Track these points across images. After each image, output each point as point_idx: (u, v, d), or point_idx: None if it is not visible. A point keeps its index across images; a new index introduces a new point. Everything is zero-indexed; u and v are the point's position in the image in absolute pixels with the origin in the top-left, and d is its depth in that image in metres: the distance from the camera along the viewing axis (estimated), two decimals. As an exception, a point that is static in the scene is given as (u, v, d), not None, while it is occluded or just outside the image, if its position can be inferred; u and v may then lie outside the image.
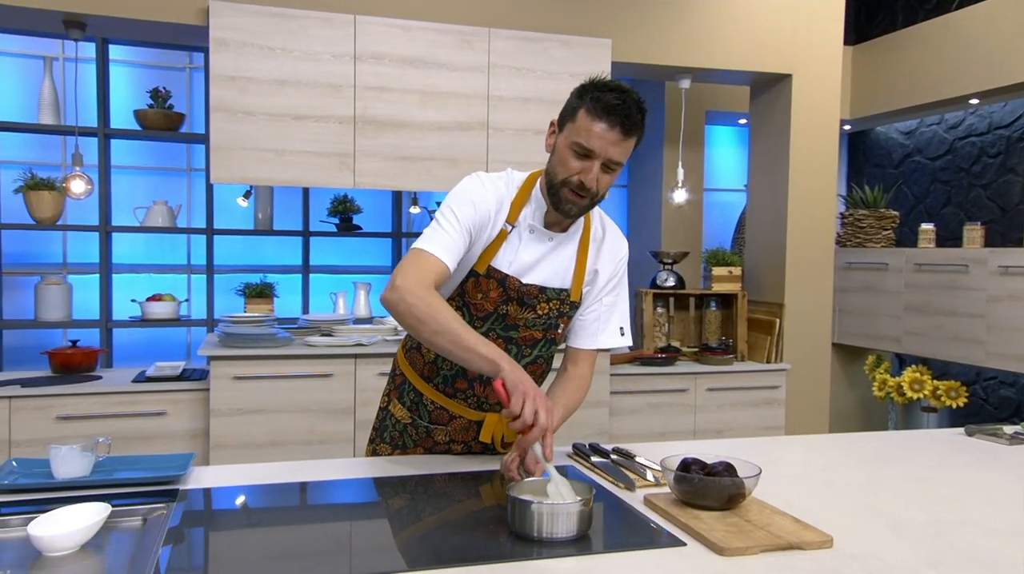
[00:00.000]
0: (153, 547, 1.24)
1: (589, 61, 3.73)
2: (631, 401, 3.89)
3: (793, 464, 1.83)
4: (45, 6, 3.17)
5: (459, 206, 1.62)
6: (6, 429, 3.09)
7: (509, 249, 1.67)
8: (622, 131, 1.54)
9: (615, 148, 1.55)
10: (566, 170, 1.58)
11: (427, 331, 1.49)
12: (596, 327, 1.79)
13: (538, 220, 1.69)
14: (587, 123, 1.54)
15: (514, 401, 1.41)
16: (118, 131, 4.03)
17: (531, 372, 1.79)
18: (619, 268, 1.80)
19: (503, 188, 1.69)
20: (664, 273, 4.26)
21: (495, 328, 1.70)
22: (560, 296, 1.72)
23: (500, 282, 1.66)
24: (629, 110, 1.53)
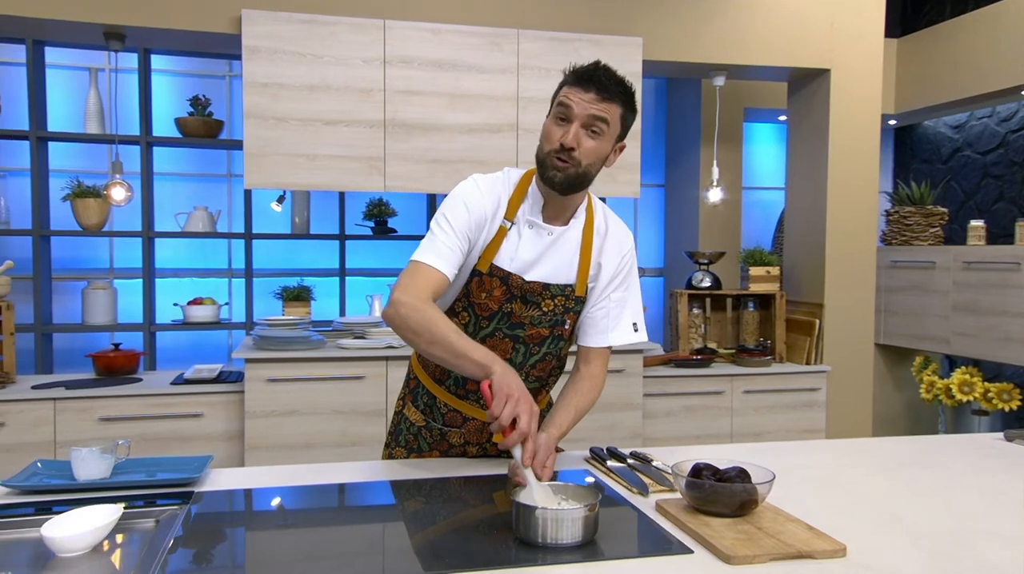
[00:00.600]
0: (161, 549, 1.26)
1: (620, 60, 3.70)
2: (665, 403, 3.84)
3: (818, 469, 1.79)
4: (86, 19, 3.26)
5: (452, 212, 1.63)
6: (51, 430, 3.19)
7: (509, 246, 1.67)
8: (597, 92, 1.55)
9: (592, 107, 1.55)
10: (549, 141, 1.60)
11: (423, 343, 1.51)
12: (606, 324, 1.76)
13: (536, 214, 1.68)
14: (565, 91, 1.58)
15: (495, 402, 1.41)
16: (159, 139, 4.13)
17: (540, 370, 1.77)
18: (625, 262, 1.78)
19: (500, 187, 1.69)
20: (700, 273, 4.19)
21: (501, 327, 1.70)
22: (565, 292, 1.71)
23: (503, 280, 1.66)
24: (604, 73, 1.56)
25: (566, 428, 1.64)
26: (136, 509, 1.42)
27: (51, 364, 4.19)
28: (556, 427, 1.62)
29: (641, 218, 5.34)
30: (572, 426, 1.68)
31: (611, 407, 3.68)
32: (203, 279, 4.61)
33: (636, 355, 3.71)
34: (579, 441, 3.63)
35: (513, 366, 1.72)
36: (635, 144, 3.78)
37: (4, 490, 1.51)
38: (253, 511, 1.52)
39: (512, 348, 1.71)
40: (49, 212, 4.15)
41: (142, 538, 1.34)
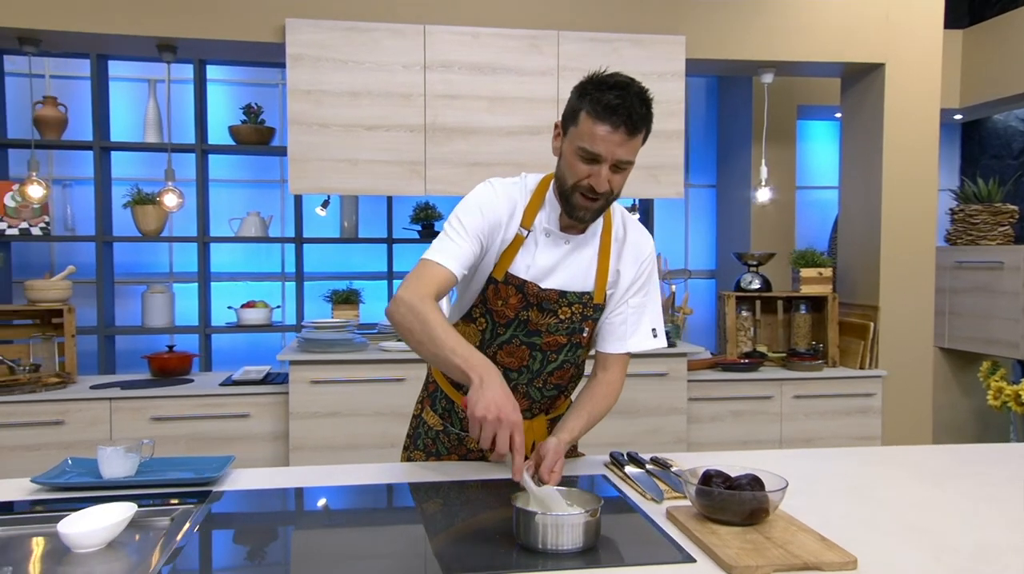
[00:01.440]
0: (170, 547, 1.29)
1: (662, 59, 3.65)
2: (711, 408, 3.76)
3: (846, 477, 1.72)
4: (140, 32, 3.38)
5: (466, 214, 1.62)
6: (107, 428, 3.31)
7: (526, 254, 1.65)
8: (627, 131, 1.49)
9: (621, 149, 1.51)
10: (574, 175, 1.55)
11: (414, 341, 1.50)
12: (624, 330, 1.73)
13: (553, 223, 1.66)
14: (589, 126, 1.50)
15: (470, 427, 1.41)
16: (214, 147, 4.25)
17: (559, 378, 1.76)
18: (644, 268, 1.74)
19: (516, 193, 1.67)
20: (748, 275, 4.10)
21: (518, 335, 1.68)
22: (582, 299, 1.68)
23: (519, 288, 1.64)
24: (632, 107, 1.48)
25: (577, 433, 1.62)
26: (153, 507, 1.46)
27: (113, 365, 4.35)
28: (567, 432, 1.60)
29: (692, 219, 5.25)
30: (584, 431, 1.66)
31: (655, 411, 3.62)
32: (258, 283, 4.73)
33: (680, 359, 3.65)
34: (621, 445, 3.58)
35: (530, 374, 1.72)
36: (678, 144, 3.73)
37: (35, 486, 1.57)
38: (265, 512, 1.54)
39: (529, 355, 1.70)
40: (112, 219, 4.32)
41: (156, 535, 1.38)
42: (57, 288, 3.52)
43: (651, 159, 3.67)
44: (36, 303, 3.51)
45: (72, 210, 4.42)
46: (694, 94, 5.22)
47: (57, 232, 4.35)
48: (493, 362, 1.69)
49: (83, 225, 4.42)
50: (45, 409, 3.27)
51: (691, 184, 5.22)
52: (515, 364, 1.70)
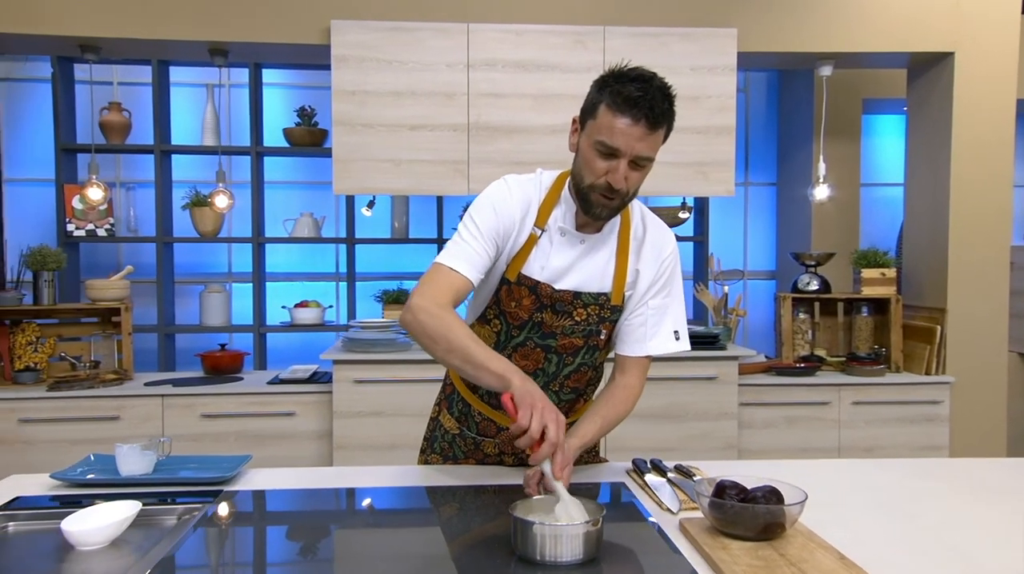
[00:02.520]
0: (169, 545, 1.29)
1: (712, 53, 3.54)
2: (764, 414, 3.63)
3: (883, 490, 1.61)
4: (192, 37, 3.46)
5: (479, 214, 1.58)
6: (160, 424, 3.40)
7: (540, 254, 1.60)
8: (647, 125, 1.42)
9: (641, 144, 1.44)
10: (592, 172, 1.49)
11: (440, 350, 1.45)
12: (644, 333, 1.66)
13: (569, 222, 1.60)
14: (609, 119, 1.44)
15: (521, 414, 1.32)
16: (268, 149, 4.33)
17: (576, 381, 1.70)
18: (665, 267, 1.66)
19: (532, 191, 1.62)
20: (806, 276, 3.94)
21: (532, 337, 1.63)
22: (599, 300, 1.62)
23: (532, 289, 1.59)
24: (653, 100, 1.42)
25: (589, 439, 1.56)
26: (163, 505, 1.47)
27: (173, 362, 4.48)
28: (579, 437, 1.54)
29: (751, 218, 5.09)
30: (598, 437, 1.60)
31: (704, 416, 3.52)
32: (313, 283, 4.79)
33: (731, 362, 3.53)
34: (667, 450, 3.50)
35: (546, 377, 1.67)
36: (729, 140, 3.61)
37: (54, 482, 1.60)
38: (270, 512, 1.54)
39: (544, 358, 1.65)
40: (172, 220, 4.44)
41: (160, 534, 1.38)
42: (115, 287, 3.63)
43: (700, 155, 3.56)
44: (96, 302, 3.63)
45: (135, 212, 4.56)
46: (754, 88, 5.07)
47: (121, 233, 4.49)
48: None
49: (146, 226, 4.56)
50: (102, 404, 3.38)
51: (750, 182, 5.07)
52: (530, 367, 1.65)
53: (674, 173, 3.57)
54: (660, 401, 3.50)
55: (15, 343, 3.59)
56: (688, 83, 3.54)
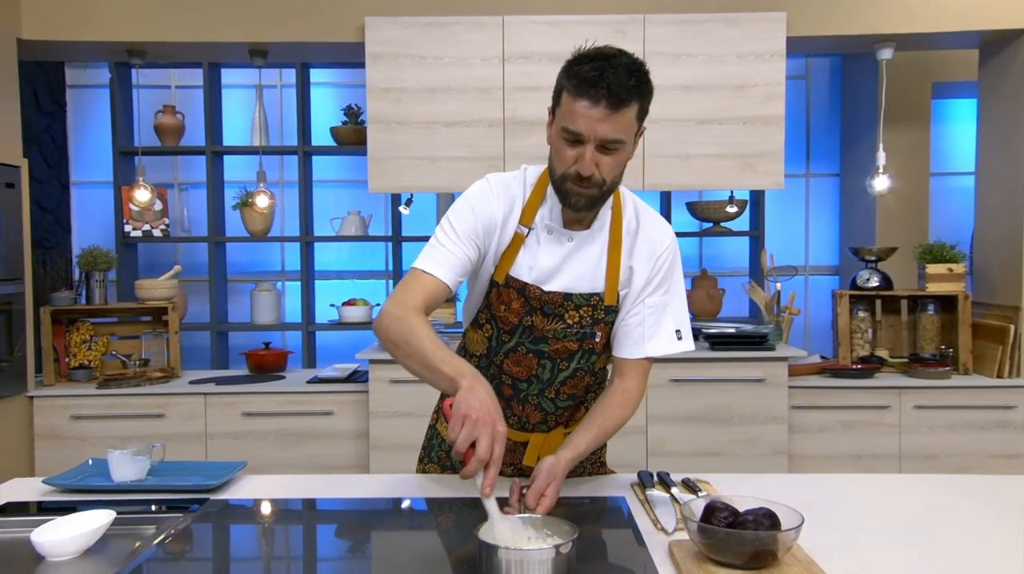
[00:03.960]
0: (139, 556, 1.27)
1: (760, 39, 3.37)
2: (817, 418, 3.45)
3: (906, 510, 1.47)
4: (230, 39, 3.49)
5: (457, 215, 1.51)
6: (203, 422, 3.45)
7: (527, 254, 1.52)
8: (608, 105, 1.33)
9: (604, 126, 1.35)
10: (562, 162, 1.42)
11: (401, 355, 1.39)
12: (641, 333, 1.55)
13: (556, 219, 1.52)
14: (570, 104, 1.37)
15: (451, 425, 1.24)
16: (315, 148, 4.35)
17: (573, 387, 1.61)
18: (662, 263, 1.56)
19: (516, 188, 1.54)
20: (866, 272, 3.72)
21: (524, 342, 1.55)
22: (591, 301, 1.53)
23: (520, 291, 1.51)
24: (613, 78, 1.32)
25: (583, 450, 1.46)
26: (142, 514, 1.45)
27: (226, 359, 4.56)
28: (571, 449, 1.45)
29: (814, 211, 4.86)
30: (593, 448, 1.50)
31: (751, 420, 3.36)
32: (363, 281, 4.81)
33: (780, 363, 3.36)
34: (712, 455, 3.36)
35: (541, 384, 1.58)
36: (778, 131, 3.43)
37: (47, 487, 1.61)
38: (249, 524, 1.50)
39: (538, 364, 1.57)
40: (224, 220, 4.52)
41: (136, 543, 1.36)
42: (163, 287, 3.71)
43: (746, 147, 3.40)
44: (145, 301, 3.71)
45: (189, 212, 4.66)
46: (816, 74, 4.83)
47: (176, 233, 4.60)
48: (500, 371, 1.59)
49: (201, 226, 4.65)
50: (148, 402, 3.45)
51: (812, 173, 4.84)
52: (523, 374, 1.57)
53: (718, 165, 3.42)
54: (703, 403, 3.36)
55: (70, 341, 3.71)
56: (734, 71, 3.37)
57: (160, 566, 1.27)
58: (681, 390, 3.35)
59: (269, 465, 3.41)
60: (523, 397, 1.59)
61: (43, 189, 4.50)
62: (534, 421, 1.62)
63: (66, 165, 4.77)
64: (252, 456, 3.42)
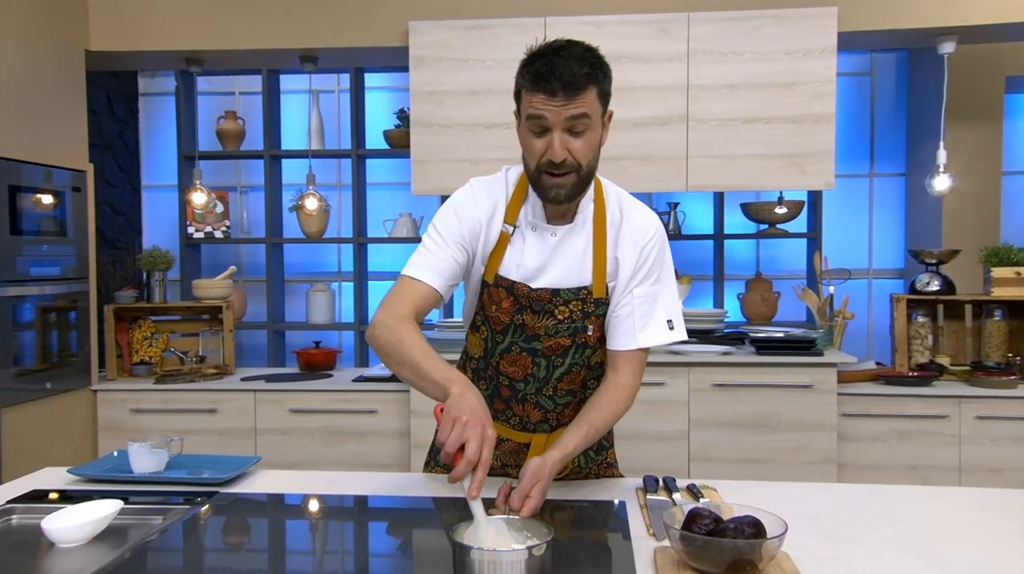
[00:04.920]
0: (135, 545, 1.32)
1: (809, 35, 3.27)
2: (870, 426, 3.32)
3: (914, 524, 1.40)
4: (279, 45, 3.59)
5: (442, 221, 1.55)
6: (252, 418, 3.56)
7: (514, 252, 1.54)
8: (565, 95, 1.38)
9: (567, 110, 1.38)
10: (533, 154, 1.44)
11: (394, 364, 1.43)
12: (631, 324, 1.54)
13: (539, 216, 1.54)
14: (528, 98, 1.42)
15: (441, 427, 1.26)
16: (368, 151, 4.43)
17: (570, 382, 1.60)
18: (648, 252, 1.55)
19: (498, 189, 1.57)
20: (926, 276, 3.56)
21: (517, 342, 1.55)
22: (580, 295, 1.53)
23: (509, 290, 1.53)
24: (565, 70, 1.36)
25: (571, 449, 1.45)
26: (149, 505, 1.51)
27: (282, 357, 4.68)
28: (560, 449, 1.43)
29: (878, 212, 4.68)
30: (583, 447, 1.48)
31: (797, 426, 3.26)
32: (418, 282, 4.86)
33: (828, 369, 3.25)
34: (756, 461, 3.27)
35: (538, 382, 1.58)
36: (828, 129, 3.32)
37: (72, 477, 1.68)
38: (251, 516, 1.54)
39: (533, 362, 1.57)
40: (282, 222, 4.65)
41: (142, 532, 1.41)
42: (218, 287, 3.84)
43: (794, 146, 3.31)
44: (201, 300, 3.85)
45: (249, 214, 4.81)
46: (882, 70, 4.65)
47: (237, 235, 4.75)
48: (497, 373, 1.59)
49: (261, 228, 4.79)
50: (202, 397, 3.58)
51: (876, 173, 4.66)
52: (519, 374, 1.57)
53: (764, 165, 3.33)
54: (747, 409, 3.27)
55: (133, 338, 3.88)
56: (781, 69, 3.28)
57: (158, 555, 1.31)
58: (725, 395, 3.28)
59: (315, 461, 3.49)
60: (521, 397, 1.59)
61: (116, 192, 4.72)
62: (535, 420, 1.62)
63: (138, 169, 4.99)
64: (298, 452, 3.51)
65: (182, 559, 1.34)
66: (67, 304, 3.48)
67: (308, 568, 1.32)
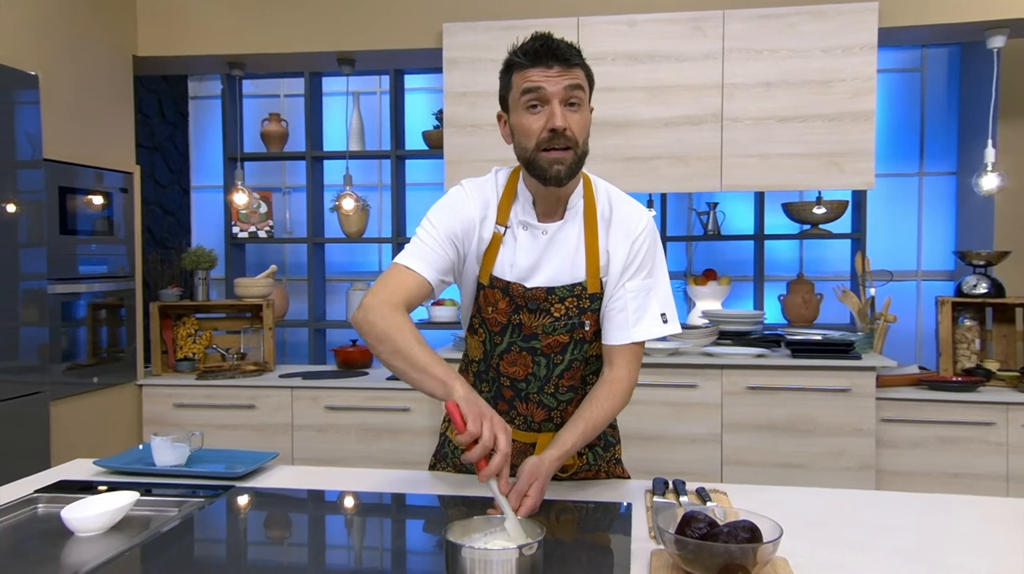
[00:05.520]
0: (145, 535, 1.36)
1: (849, 31, 3.20)
2: (911, 432, 3.22)
3: (930, 532, 1.36)
4: (320, 49, 3.66)
5: (437, 215, 1.55)
6: (289, 414, 3.63)
7: (507, 252, 1.54)
8: (561, 67, 1.42)
9: (563, 79, 1.42)
10: (530, 134, 1.45)
11: (385, 352, 1.41)
12: (624, 318, 1.54)
13: (529, 214, 1.54)
14: (523, 75, 1.45)
15: (472, 423, 1.26)
16: (407, 152, 4.48)
17: (570, 379, 1.60)
18: (639, 246, 1.55)
19: (489, 190, 1.58)
20: (973, 278, 3.45)
21: (516, 341, 1.56)
22: (575, 291, 1.53)
23: (504, 290, 1.54)
24: (556, 45, 1.43)
25: (569, 447, 1.44)
26: (165, 497, 1.55)
27: (323, 355, 4.76)
28: (558, 447, 1.43)
29: (927, 212, 4.54)
30: (581, 444, 1.47)
31: (835, 432, 3.19)
32: (453, 282, 4.89)
33: (867, 373, 3.17)
34: (793, 466, 3.21)
35: (539, 381, 1.58)
36: (868, 127, 3.24)
37: (98, 469, 1.74)
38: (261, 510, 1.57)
39: (533, 362, 1.57)
40: (324, 222, 4.73)
41: (157, 523, 1.46)
42: (258, 285, 3.93)
43: (832, 145, 3.24)
44: (242, 298, 3.94)
45: (291, 214, 4.91)
46: (933, 65, 4.51)
47: (280, 235, 4.85)
48: (499, 374, 1.60)
49: (303, 228, 4.88)
50: (241, 393, 3.66)
51: (926, 172, 4.52)
52: (520, 373, 1.58)
53: (801, 165, 3.27)
54: (782, 413, 3.21)
55: (178, 335, 3.99)
56: (819, 66, 3.22)
57: (166, 545, 1.35)
58: (759, 398, 3.22)
59: (349, 458, 3.54)
60: (524, 396, 1.60)
61: (166, 193, 4.86)
62: (539, 419, 1.62)
63: (187, 171, 5.13)
64: (333, 449, 3.57)
65: (193, 549, 1.37)
66: (115, 301, 3.60)
67: (304, 560, 1.35)
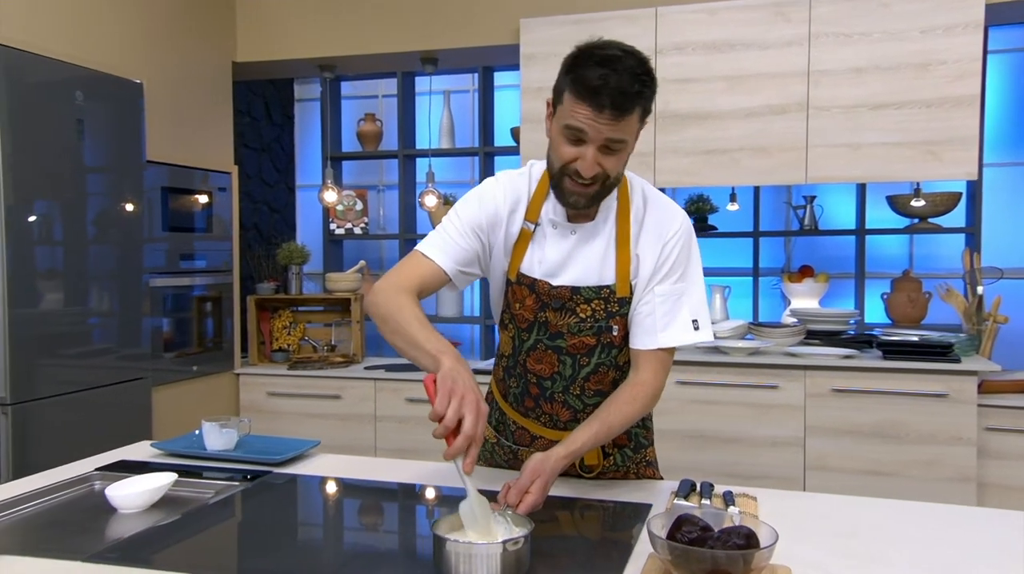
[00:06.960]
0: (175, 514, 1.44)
1: (951, 9, 2.97)
2: (1019, 442, 2.97)
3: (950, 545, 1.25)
4: (403, 49, 3.75)
5: (463, 206, 1.54)
6: (372, 405, 3.74)
7: (536, 249, 1.51)
8: (612, 114, 1.30)
9: (609, 128, 1.31)
10: (560, 157, 1.39)
11: (388, 330, 1.42)
12: (653, 323, 1.48)
13: (559, 214, 1.50)
14: (572, 105, 1.34)
15: (439, 398, 1.22)
16: (494, 149, 4.51)
17: (597, 382, 1.56)
18: (670, 250, 1.48)
19: (522, 185, 1.53)
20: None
21: (542, 339, 1.53)
22: (602, 294, 1.49)
23: (531, 287, 1.51)
24: (618, 86, 1.29)
25: (578, 446, 1.40)
26: (208, 479, 1.63)
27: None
28: (566, 446, 1.39)
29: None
30: (593, 444, 1.43)
31: (930, 439, 2.98)
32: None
33: (968, 378, 2.94)
34: (882, 474, 3.02)
35: (564, 381, 1.55)
36: (971, 113, 3.00)
37: (155, 451, 1.85)
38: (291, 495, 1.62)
39: (559, 360, 1.54)
40: (416, 218, 4.84)
41: (190, 505, 1.53)
42: (347, 280, 4.06)
43: (929, 133, 3.03)
44: (332, 293, 4.09)
45: (385, 211, 5.04)
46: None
47: (375, 231, 5.00)
48: (525, 370, 1.59)
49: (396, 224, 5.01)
50: (329, 384, 3.80)
51: (984, 163, 4.14)
52: (546, 371, 1.56)
53: (894, 154, 3.07)
54: (872, 418, 3.03)
55: (274, 327, 4.19)
56: (915, 49, 3.01)
57: (196, 522, 1.42)
58: (846, 401, 3.05)
59: (429, 450, 3.60)
60: (549, 395, 1.58)
61: (272, 192, 5.10)
62: (565, 419, 1.59)
63: (292, 170, 5.36)
64: (411, 439, 3.65)
65: (221, 527, 1.44)
66: (213, 294, 3.81)
67: (318, 537, 1.38)
